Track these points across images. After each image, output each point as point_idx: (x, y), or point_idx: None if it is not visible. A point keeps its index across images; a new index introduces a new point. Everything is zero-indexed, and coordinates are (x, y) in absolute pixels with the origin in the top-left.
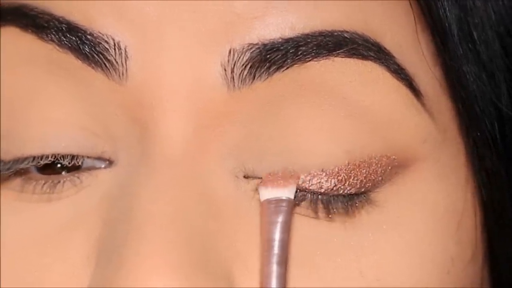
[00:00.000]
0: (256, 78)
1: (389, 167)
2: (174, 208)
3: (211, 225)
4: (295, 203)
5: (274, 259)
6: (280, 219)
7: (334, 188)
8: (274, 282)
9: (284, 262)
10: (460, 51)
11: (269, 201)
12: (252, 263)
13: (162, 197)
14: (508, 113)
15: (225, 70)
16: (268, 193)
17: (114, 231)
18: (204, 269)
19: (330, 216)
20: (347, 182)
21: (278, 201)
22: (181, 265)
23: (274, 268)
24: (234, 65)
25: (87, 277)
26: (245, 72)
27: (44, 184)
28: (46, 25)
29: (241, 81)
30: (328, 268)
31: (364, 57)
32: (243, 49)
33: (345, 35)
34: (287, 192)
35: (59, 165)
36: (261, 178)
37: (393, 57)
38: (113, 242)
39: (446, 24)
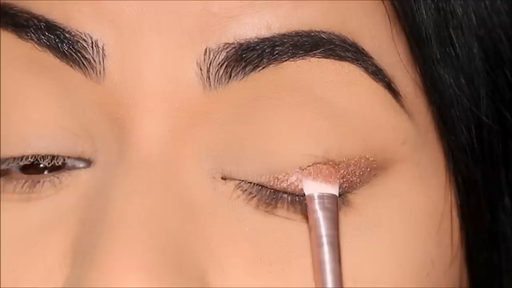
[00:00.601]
0: (232, 77)
1: (368, 169)
2: (148, 209)
3: (185, 227)
4: (272, 204)
5: (327, 256)
6: (327, 215)
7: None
8: (329, 279)
9: (337, 259)
10: (437, 55)
11: (314, 196)
12: (227, 265)
13: (137, 199)
14: (486, 118)
15: (201, 69)
16: (314, 187)
17: (90, 232)
18: (177, 270)
19: (307, 217)
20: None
21: (329, 196)
22: (153, 266)
23: (328, 266)
24: (210, 65)
25: (63, 277)
26: (221, 72)
27: (24, 183)
28: (25, 23)
29: (217, 81)
30: (305, 270)
31: (342, 58)
32: (218, 48)
33: (322, 35)
34: (332, 188)
35: (42, 166)
36: (239, 179)
37: (372, 58)
38: (88, 243)
39: (422, 28)
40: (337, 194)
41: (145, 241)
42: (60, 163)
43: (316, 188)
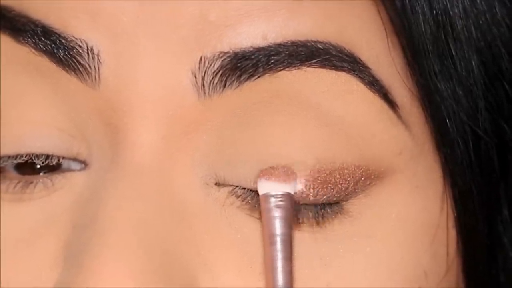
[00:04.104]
0: (227, 86)
1: (363, 178)
2: (138, 215)
3: (176, 233)
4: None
5: (279, 254)
6: (281, 214)
7: (303, 196)
8: (280, 277)
9: (289, 257)
10: (434, 68)
11: (268, 196)
12: (217, 272)
13: (127, 204)
14: (483, 132)
15: (195, 77)
16: (268, 187)
17: (81, 235)
18: (166, 275)
19: (300, 225)
20: (317, 191)
21: (282, 195)
22: (141, 270)
23: (280, 263)
24: (204, 73)
25: (53, 280)
26: (216, 80)
27: (17, 183)
28: (22, 28)
29: (212, 89)
30: (296, 278)
31: (338, 68)
32: (214, 57)
33: (319, 45)
34: (288, 187)
35: (38, 166)
36: (232, 185)
37: (369, 68)
38: (78, 246)
39: (420, 40)
40: (291, 192)
41: (134, 246)
42: (54, 163)
43: (269, 188)
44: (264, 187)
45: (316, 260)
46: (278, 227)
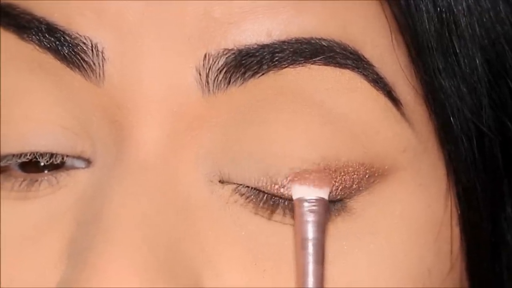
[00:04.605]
0: (231, 83)
1: (367, 175)
2: (143, 212)
3: (180, 230)
4: (269, 209)
5: (310, 258)
6: (314, 218)
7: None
8: (311, 281)
9: (320, 261)
10: (438, 65)
11: (302, 200)
12: (222, 269)
13: (132, 201)
14: (487, 129)
15: (200, 74)
16: (302, 191)
17: (85, 232)
18: (171, 272)
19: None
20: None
21: (317, 200)
22: (146, 267)
23: (311, 267)
24: (209, 70)
25: (58, 277)
26: (220, 77)
27: (22, 182)
28: (27, 25)
29: (216, 86)
30: None
31: (342, 66)
32: (218, 54)
33: (323, 43)
34: (322, 192)
35: (42, 164)
36: (236, 183)
37: (373, 66)
38: (83, 243)
39: (424, 38)
40: (326, 197)
41: (139, 243)
42: (59, 161)
43: (303, 192)
44: (298, 191)
45: None
46: (310, 231)
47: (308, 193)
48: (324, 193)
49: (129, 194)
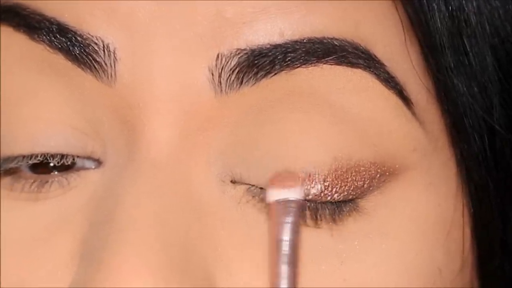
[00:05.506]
0: (243, 83)
1: (378, 175)
2: (156, 212)
3: (193, 229)
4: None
5: (284, 259)
6: (289, 219)
7: (321, 195)
8: (284, 282)
9: (294, 262)
10: (450, 64)
11: (277, 202)
12: (235, 269)
13: (145, 201)
14: (498, 127)
15: (212, 74)
16: (276, 194)
17: (98, 233)
18: (184, 272)
19: (317, 223)
20: (334, 189)
21: (287, 202)
22: (160, 267)
23: (284, 268)
24: (221, 70)
25: (69, 278)
26: (233, 77)
27: (32, 183)
28: (37, 25)
29: (229, 86)
30: (313, 275)
31: (354, 65)
32: (231, 54)
33: (335, 42)
34: (295, 193)
35: (52, 165)
36: (248, 183)
37: (384, 65)
38: (96, 244)
39: (436, 36)
40: (299, 198)
41: (152, 243)
42: (69, 163)
43: (278, 194)
44: (271, 194)
45: (333, 256)
46: (286, 232)
47: (282, 194)
48: (298, 194)
49: (141, 194)
